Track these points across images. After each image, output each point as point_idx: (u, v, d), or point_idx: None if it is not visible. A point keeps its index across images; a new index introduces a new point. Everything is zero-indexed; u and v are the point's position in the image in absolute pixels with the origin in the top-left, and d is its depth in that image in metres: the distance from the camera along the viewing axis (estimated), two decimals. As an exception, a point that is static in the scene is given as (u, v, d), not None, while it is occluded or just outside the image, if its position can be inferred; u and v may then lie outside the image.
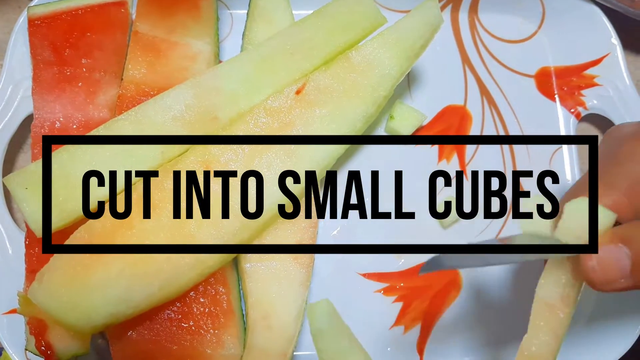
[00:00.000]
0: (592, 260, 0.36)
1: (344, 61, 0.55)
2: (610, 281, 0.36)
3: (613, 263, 0.36)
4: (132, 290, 0.48)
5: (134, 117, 0.52)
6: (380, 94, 0.55)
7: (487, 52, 0.64)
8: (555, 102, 0.64)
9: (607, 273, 0.36)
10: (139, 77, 0.56)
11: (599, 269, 0.36)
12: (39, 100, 0.55)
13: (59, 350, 0.48)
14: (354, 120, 0.54)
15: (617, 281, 0.36)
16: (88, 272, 0.47)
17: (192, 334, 0.51)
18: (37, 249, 0.52)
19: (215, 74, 0.54)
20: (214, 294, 0.52)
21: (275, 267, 0.53)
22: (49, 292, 0.46)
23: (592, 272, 0.36)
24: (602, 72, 0.62)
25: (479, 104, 0.63)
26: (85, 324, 0.47)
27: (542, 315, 0.40)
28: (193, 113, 0.53)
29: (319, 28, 0.55)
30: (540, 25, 0.65)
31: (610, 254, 0.36)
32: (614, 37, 0.61)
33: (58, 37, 0.55)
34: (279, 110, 0.53)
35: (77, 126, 0.55)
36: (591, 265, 0.36)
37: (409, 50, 0.55)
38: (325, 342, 0.40)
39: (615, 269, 0.36)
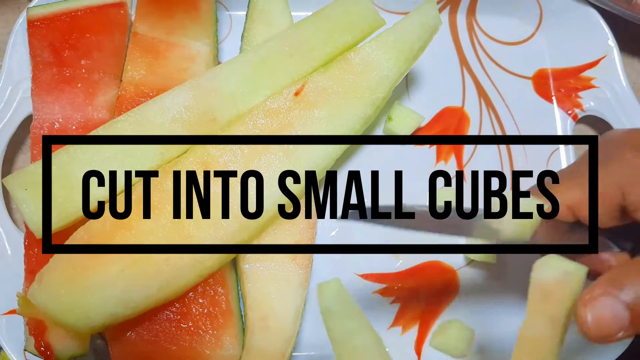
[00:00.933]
0: (587, 316, 0.33)
1: (343, 63, 0.55)
2: (610, 336, 0.33)
3: (609, 318, 0.33)
4: (131, 291, 0.48)
5: (133, 118, 0.52)
6: (379, 96, 0.55)
7: (485, 54, 0.65)
8: (552, 103, 0.64)
9: (603, 329, 0.33)
10: (138, 78, 0.56)
11: (596, 327, 0.33)
12: (38, 101, 0.55)
13: (58, 351, 0.48)
14: (352, 121, 0.54)
15: (616, 335, 0.33)
16: (87, 273, 0.47)
17: (191, 335, 0.51)
18: (37, 250, 0.52)
19: (214, 75, 0.54)
20: (213, 294, 0.52)
21: (274, 268, 0.53)
22: (48, 292, 0.46)
23: (588, 330, 0.34)
24: (599, 74, 0.62)
25: (477, 105, 0.64)
26: (85, 324, 0.47)
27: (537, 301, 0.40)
28: (192, 114, 0.53)
29: (317, 30, 0.55)
30: (538, 27, 0.66)
31: (606, 310, 0.33)
32: (610, 39, 0.62)
33: (57, 38, 0.56)
34: (277, 112, 0.54)
35: (76, 127, 0.55)
36: (586, 322, 0.34)
37: (407, 52, 0.55)
38: (334, 321, 0.40)
39: (612, 324, 0.33)
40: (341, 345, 0.41)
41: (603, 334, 0.33)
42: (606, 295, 0.33)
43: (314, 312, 0.57)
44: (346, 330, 0.40)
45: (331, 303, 0.40)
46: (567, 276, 0.36)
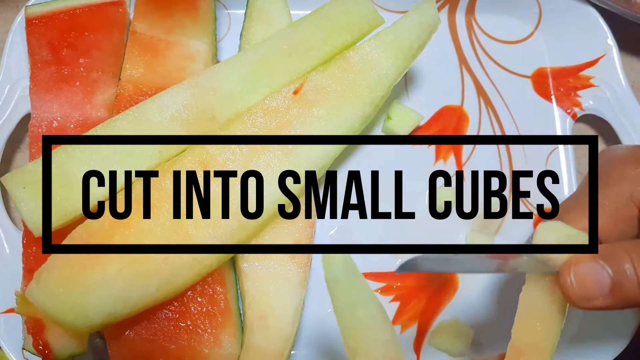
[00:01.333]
0: (570, 276, 0.35)
1: (342, 61, 0.55)
2: (588, 298, 0.35)
3: (592, 280, 0.35)
4: (130, 289, 0.48)
5: (131, 116, 0.52)
6: (378, 94, 0.55)
7: (484, 53, 0.65)
8: (551, 102, 0.64)
9: (584, 290, 0.35)
10: (137, 76, 0.56)
11: (576, 285, 0.35)
12: (36, 100, 0.55)
13: (57, 350, 0.48)
14: (351, 120, 0.54)
15: (595, 299, 0.35)
16: (86, 272, 0.47)
17: (190, 334, 0.51)
18: (35, 248, 0.52)
19: (213, 74, 0.54)
20: (212, 293, 0.52)
21: (273, 267, 0.53)
22: (46, 291, 0.46)
23: (569, 288, 0.35)
24: (598, 73, 0.62)
25: (476, 104, 0.64)
26: (83, 323, 0.47)
27: (528, 310, 0.40)
28: (191, 113, 0.53)
29: (316, 28, 0.55)
30: (537, 26, 0.65)
31: (590, 271, 0.35)
32: (610, 38, 0.62)
33: (56, 36, 0.55)
34: (276, 110, 0.54)
35: (74, 126, 0.55)
36: (569, 281, 0.35)
37: (406, 51, 0.55)
38: (339, 290, 0.40)
39: (593, 287, 0.35)
40: (345, 316, 0.40)
41: (582, 296, 0.35)
42: (593, 261, 0.35)
43: (313, 310, 0.57)
44: (351, 300, 0.40)
45: (337, 272, 0.39)
46: (569, 240, 0.36)
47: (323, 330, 0.57)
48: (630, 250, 0.36)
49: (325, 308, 0.58)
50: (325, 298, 0.57)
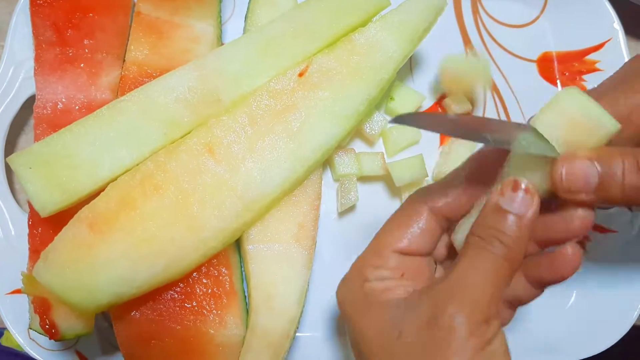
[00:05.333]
0: (563, 168, 0.37)
1: (347, 44, 0.55)
2: (573, 191, 0.37)
3: (581, 176, 0.37)
4: (136, 270, 0.48)
5: (137, 97, 0.52)
6: (383, 77, 0.55)
7: (490, 37, 0.64)
8: (557, 87, 0.64)
9: (571, 183, 0.37)
10: (142, 58, 0.56)
11: (565, 177, 0.37)
12: (41, 81, 0.54)
13: (63, 330, 0.48)
14: (356, 102, 0.54)
15: (580, 193, 0.37)
16: (92, 252, 0.47)
17: (195, 315, 0.51)
18: (41, 229, 0.52)
19: (218, 56, 0.54)
20: (217, 275, 0.52)
21: (278, 249, 0.54)
22: (53, 271, 0.46)
23: (558, 178, 0.37)
24: (604, 57, 0.62)
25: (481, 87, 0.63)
26: (90, 303, 0.47)
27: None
28: (196, 95, 0.53)
29: (322, 10, 0.55)
30: (543, 10, 0.65)
31: (581, 167, 0.37)
32: (616, 23, 0.61)
33: (60, 17, 0.55)
34: (281, 93, 0.53)
35: (79, 107, 0.54)
36: (560, 172, 0.37)
37: (412, 33, 0.55)
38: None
39: (581, 182, 0.37)
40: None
41: (571, 188, 0.37)
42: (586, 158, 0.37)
43: (317, 292, 0.57)
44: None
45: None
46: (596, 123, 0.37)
47: (328, 311, 0.58)
48: (626, 155, 0.37)
49: (330, 290, 0.58)
50: (329, 280, 0.58)
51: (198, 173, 0.51)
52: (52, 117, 0.54)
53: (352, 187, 0.58)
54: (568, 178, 0.37)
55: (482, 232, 0.38)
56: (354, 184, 0.58)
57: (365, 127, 0.59)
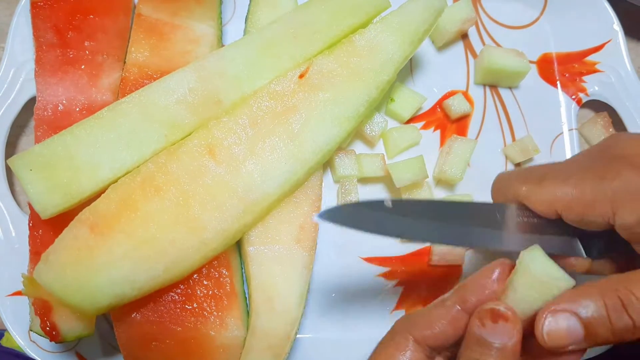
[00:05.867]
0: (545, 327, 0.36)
1: (348, 45, 0.55)
2: (561, 347, 0.36)
3: (564, 332, 0.36)
4: (137, 272, 0.48)
5: (137, 99, 0.52)
6: (384, 79, 0.55)
7: (490, 38, 0.64)
8: (556, 88, 0.64)
9: (556, 341, 0.36)
10: (142, 60, 0.56)
11: (548, 339, 0.36)
12: (41, 83, 0.55)
13: (64, 331, 0.48)
14: (356, 104, 0.54)
15: (570, 348, 0.36)
16: (93, 254, 0.47)
17: (196, 316, 0.51)
18: (41, 231, 0.52)
19: (219, 57, 0.54)
20: (218, 276, 0.52)
21: (279, 251, 0.54)
22: (54, 272, 0.46)
23: (541, 338, 0.36)
24: (604, 58, 0.62)
25: (481, 89, 0.63)
26: (90, 304, 0.47)
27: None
28: (196, 96, 0.53)
29: (322, 12, 0.55)
30: (543, 11, 0.65)
31: (561, 324, 0.36)
32: (616, 24, 0.62)
33: (61, 19, 0.55)
34: (282, 94, 0.54)
35: (80, 109, 0.55)
36: (541, 332, 0.36)
37: (412, 35, 0.55)
38: None
39: (565, 338, 0.36)
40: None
41: (555, 345, 0.36)
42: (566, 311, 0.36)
43: (318, 294, 0.57)
44: None
45: None
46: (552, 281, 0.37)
47: (328, 313, 0.58)
48: (606, 293, 0.36)
49: (331, 292, 0.58)
50: (330, 281, 0.58)
51: (199, 174, 0.51)
52: (53, 119, 0.54)
53: (353, 189, 0.58)
54: (551, 337, 0.36)
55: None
56: (355, 185, 0.58)
57: (366, 128, 0.59)
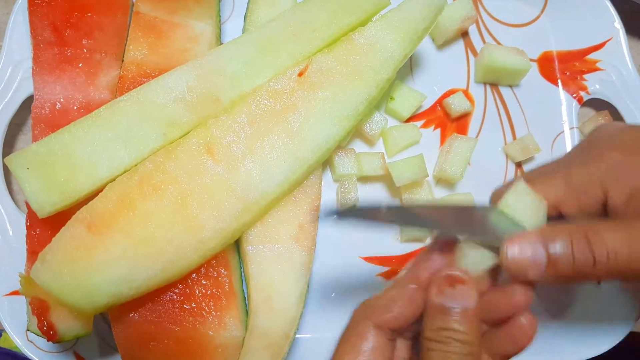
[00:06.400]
0: (510, 252, 0.38)
1: (347, 43, 0.54)
2: (523, 274, 0.38)
3: (528, 259, 0.37)
4: (135, 271, 0.48)
5: (135, 98, 0.51)
6: (383, 77, 0.54)
7: (490, 36, 0.64)
8: (557, 86, 0.64)
9: (520, 267, 0.37)
10: (140, 58, 0.55)
11: (512, 262, 0.38)
12: (39, 81, 0.54)
13: (62, 331, 0.48)
14: (356, 102, 0.54)
15: (530, 275, 0.37)
16: (90, 253, 0.47)
17: (194, 316, 0.51)
18: (38, 230, 0.51)
19: (217, 55, 0.54)
20: (216, 276, 0.52)
21: (278, 250, 0.53)
22: (51, 272, 0.46)
23: (507, 262, 0.38)
24: (605, 56, 0.62)
25: (482, 87, 0.63)
26: (88, 304, 0.47)
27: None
28: (195, 94, 0.52)
29: (321, 10, 0.55)
30: (543, 9, 0.65)
31: (527, 251, 0.37)
32: (617, 22, 0.61)
33: (58, 17, 0.55)
34: (281, 92, 0.53)
35: (77, 107, 0.54)
36: (508, 257, 0.38)
37: (412, 33, 0.55)
38: None
39: (529, 265, 0.37)
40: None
41: (520, 271, 0.38)
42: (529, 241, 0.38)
43: (317, 293, 0.57)
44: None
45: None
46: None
47: (327, 312, 0.57)
48: (574, 231, 0.37)
49: (330, 291, 0.58)
50: (329, 281, 0.57)
51: (197, 173, 0.51)
52: (51, 117, 0.54)
53: (352, 188, 0.58)
54: (516, 261, 0.37)
55: (436, 336, 0.37)
56: (354, 184, 0.58)
57: (366, 127, 0.59)
